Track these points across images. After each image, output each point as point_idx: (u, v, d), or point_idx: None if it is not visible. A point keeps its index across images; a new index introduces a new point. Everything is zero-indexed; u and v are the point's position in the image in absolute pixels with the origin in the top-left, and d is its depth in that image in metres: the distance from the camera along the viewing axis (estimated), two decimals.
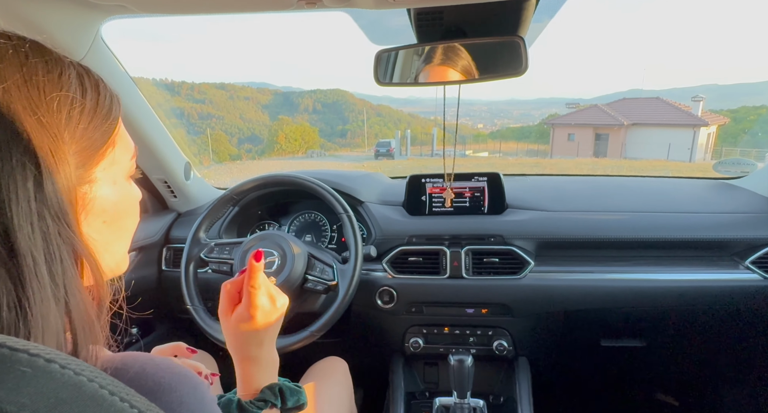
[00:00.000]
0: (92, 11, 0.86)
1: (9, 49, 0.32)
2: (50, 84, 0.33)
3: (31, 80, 0.32)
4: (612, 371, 1.46)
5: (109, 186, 0.39)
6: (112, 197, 0.39)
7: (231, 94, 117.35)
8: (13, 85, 0.31)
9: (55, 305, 0.31)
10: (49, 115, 0.32)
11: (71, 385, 0.19)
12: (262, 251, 0.64)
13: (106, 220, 0.39)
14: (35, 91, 0.32)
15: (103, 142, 0.38)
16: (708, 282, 1.12)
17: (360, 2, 0.81)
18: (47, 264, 0.31)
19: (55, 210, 0.32)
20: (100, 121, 0.37)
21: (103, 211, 0.38)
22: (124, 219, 0.42)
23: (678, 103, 27.12)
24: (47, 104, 0.32)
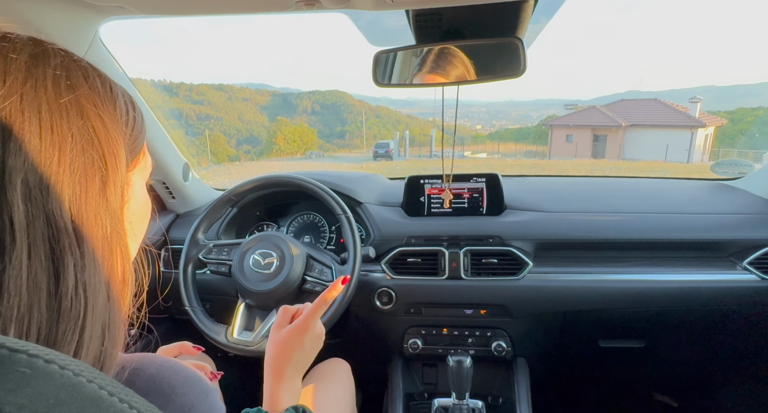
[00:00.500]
0: (91, 12, 0.85)
1: (72, 62, 0.36)
2: (107, 96, 0.37)
3: (95, 90, 0.36)
4: (610, 372, 1.46)
5: (139, 190, 0.43)
6: (141, 201, 0.43)
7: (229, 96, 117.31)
8: (82, 92, 0.34)
9: (105, 293, 0.33)
10: (111, 121, 0.36)
11: (70, 386, 0.19)
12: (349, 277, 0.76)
13: (132, 221, 0.41)
14: (99, 99, 0.36)
15: (140, 149, 0.42)
16: (706, 283, 1.12)
17: (358, 3, 0.81)
18: (103, 253, 0.34)
19: (113, 204, 0.35)
20: (138, 130, 0.41)
21: (132, 212, 0.41)
22: (143, 222, 0.44)
23: (675, 104, 27.22)
24: (109, 113, 0.36)
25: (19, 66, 0.31)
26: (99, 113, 0.35)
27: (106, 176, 0.35)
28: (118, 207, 0.36)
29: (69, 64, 0.35)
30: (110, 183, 0.35)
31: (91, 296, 0.32)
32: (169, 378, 0.36)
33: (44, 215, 0.30)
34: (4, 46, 0.32)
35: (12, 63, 0.31)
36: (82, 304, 0.31)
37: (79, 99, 0.34)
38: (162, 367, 0.36)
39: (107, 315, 0.33)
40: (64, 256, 0.30)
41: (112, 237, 0.35)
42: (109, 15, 0.88)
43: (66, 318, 0.30)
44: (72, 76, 0.34)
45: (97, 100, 0.35)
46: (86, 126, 0.34)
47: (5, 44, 0.32)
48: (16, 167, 0.29)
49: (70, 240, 0.31)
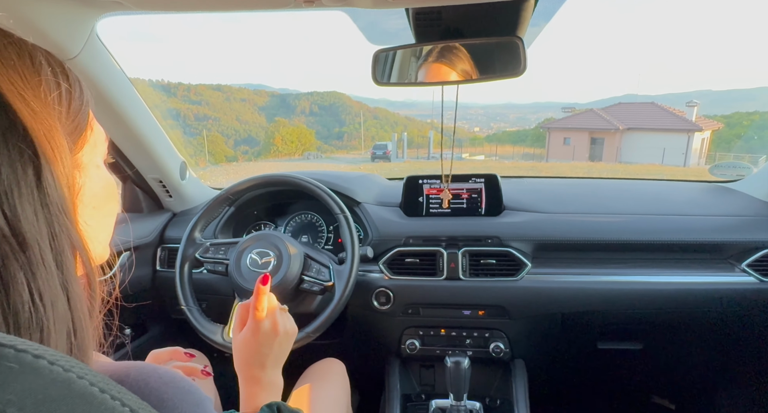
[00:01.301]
0: (87, 7, 0.85)
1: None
2: (27, 69, 0.32)
3: (9, 65, 0.31)
4: (608, 374, 1.46)
5: (94, 170, 0.39)
6: (99, 182, 0.39)
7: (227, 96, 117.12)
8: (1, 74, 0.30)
9: (64, 297, 0.30)
10: (36, 100, 0.31)
11: (60, 382, 0.19)
12: (269, 275, 0.67)
13: (96, 205, 0.38)
14: (17, 77, 0.31)
15: (84, 125, 0.37)
16: (704, 285, 1.12)
17: (358, 2, 0.80)
18: (53, 254, 0.30)
19: (54, 198, 0.31)
20: (78, 103, 0.36)
21: (93, 196, 0.38)
22: (110, 204, 0.41)
23: (672, 108, 27.35)
24: (33, 90, 0.31)
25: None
26: (20, 93, 0.30)
27: (40, 167, 0.30)
28: (64, 198, 0.32)
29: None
30: (47, 174, 0.31)
31: (48, 304, 0.29)
32: (158, 390, 0.33)
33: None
34: None
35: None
36: (41, 313, 0.28)
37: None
38: (150, 377, 0.34)
39: (70, 321, 0.31)
40: (9, 265, 0.27)
41: (61, 234, 0.31)
42: (105, 11, 0.87)
43: (27, 331, 0.27)
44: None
45: (13, 77, 0.30)
46: (4, 111, 0.29)
47: None
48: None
49: (11, 246, 0.28)
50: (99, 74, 0.99)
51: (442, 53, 0.91)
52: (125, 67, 1.08)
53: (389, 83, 0.99)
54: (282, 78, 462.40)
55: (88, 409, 0.19)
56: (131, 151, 1.22)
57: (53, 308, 0.29)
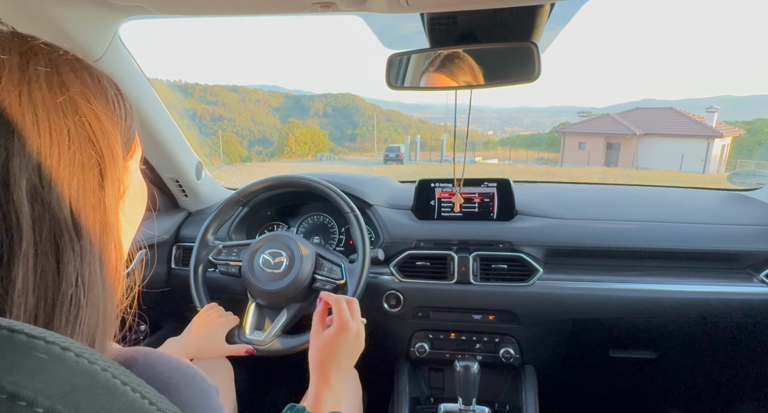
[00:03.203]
0: (111, 11, 0.87)
1: (59, 57, 0.35)
2: (97, 89, 0.37)
3: (85, 84, 0.36)
4: (620, 382, 1.43)
5: (135, 174, 0.43)
6: (137, 184, 0.43)
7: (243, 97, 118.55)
8: (74, 89, 0.34)
9: (101, 287, 0.34)
10: (105, 115, 0.36)
11: (85, 373, 0.20)
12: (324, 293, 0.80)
13: (133, 206, 0.42)
14: (90, 93, 0.36)
15: (134, 135, 0.42)
16: (721, 295, 1.10)
17: (373, 6, 0.81)
18: (99, 247, 0.34)
19: (110, 198, 0.35)
20: (130, 118, 0.41)
21: (131, 198, 0.41)
22: (141, 205, 0.45)
23: (692, 113, 26.83)
24: (102, 106, 0.36)
25: (12, 66, 0.31)
26: (92, 108, 0.35)
27: (104, 169, 0.35)
28: (114, 198, 0.36)
29: (57, 60, 0.35)
30: (108, 176, 0.35)
31: (87, 291, 0.32)
32: (163, 375, 0.35)
33: (49, 213, 0.31)
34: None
35: (5, 64, 0.31)
36: (79, 297, 0.31)
37: (73, 96, 0.34)
38: (157, 363, 0.36)
39: (101, 305, 0.34)
40: (66, 251, 0.31)
41: (107, 228, 0.35)
42: (128, 14, 0.90)
43: (65, 311, 0.31)
44: (62, 71, 0.34)
45: (89, 94, 0.35)
46: (81, 122, 0.34)
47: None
48: (21, 168, 0.29)
49: (70, 235, 0.32)
50: (121, 76, 1.01)
51: (457, 60, 0.91)
52: (145, 68, 1.11)
53: (402, 87, 0.99)
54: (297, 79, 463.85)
55: (110, 399, 0.20)
56: (150, 151, 1.25)
57: (89, 292, 0.33)
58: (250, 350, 0.99)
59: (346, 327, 0.72)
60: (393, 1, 0.76)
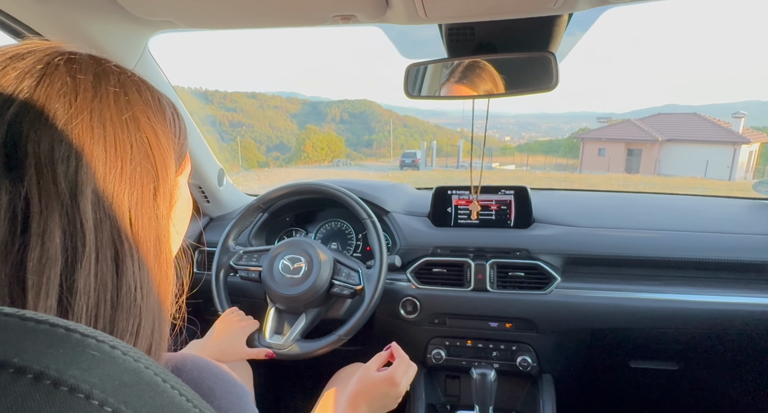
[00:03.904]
0: (141, 26, 0.91)
1: (127, 77, 0.39)
2: (157, 108, 0.40)
3: (147, 104, 0.39)
4: (641, 394, 1.40)
5: (184, 190, 0.45)
6: (185, 199, 0.45)
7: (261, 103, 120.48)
8: (138, 107, 0.37)
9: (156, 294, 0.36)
10: (163, 133, 0.39)
11: (131, 370, 0.21)
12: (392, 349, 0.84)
13: (181, 217, 0.44)
14: (151, 112, 0.39)
15: (185, 154, 0.45)
16: (745, 306, 1.07)
17: (393, 18, 0.83)
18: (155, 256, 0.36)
19: (163, 210, 0.38)
20: (183, 137, 0.44)
21: (180, 209, 0.44)
22: (185, 221, 0.47)
23: (717, 119, 26.12)
24: (160, 124, 0.39)
25: (86, 85, 0.35)
26: (152, 125, 0.38)
27: (158, 183, 0.37)
28: (166, 211, 0.39)
29: (125, 81, 0.38)
30: (161, 189, 0.38)
31: (145, 295, 0.35)
32: (210, 381, 0.38)
33: (109, 221, 0.33)
34: (72, 67, 0.35)
35: (81, 83, 0.34)
36: (138, 302, 0.34)
37: (136, 113, 0.37)
38: (203, 370, 0.39)
39: (156, 312, 0.36)
40: (125, 258, 0.34)
41: (161, 240, 0.38)
42: (158, 29, 0.94)
43: (126, 315, 0.33)
44: (129, 91, 0.38)
45: (149, 113, 0.38)
46: (142, 138, 0.37)
47: (73, 66, 0.35)
48: (87, 179, 0.32)
49: (129, 244, 0.34)
50: None
51: (468, 73, 0.93)
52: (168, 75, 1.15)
53: (420, 96, 1.01)
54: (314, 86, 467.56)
55: (153, 396, 0.22)
56: None
57: (147, 300, 0.35)
58: (269, 354, 1.02)
59: (395, 383, 0.77)
60: (412, 12, 0.78)
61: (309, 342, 1.05)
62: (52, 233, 0.31)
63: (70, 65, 0.35)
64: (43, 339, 0.20)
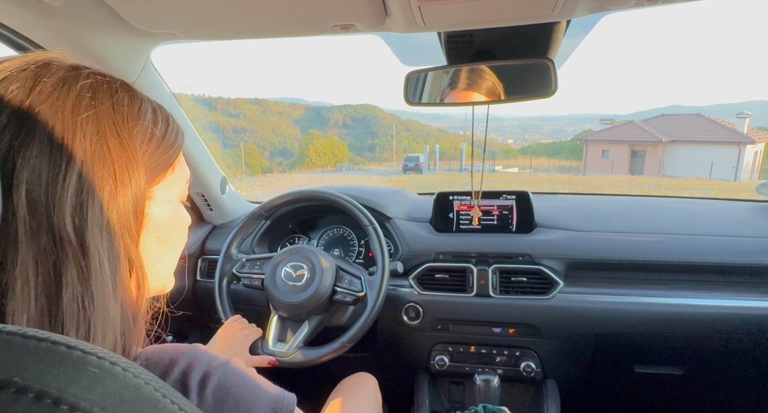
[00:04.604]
0: (144, 38, 0.93)
1: (104, 83, 0.39)
2: (131, 114, 0.39)
3: (118, 109, 0.38)
4: (646, 399, 1.39)
5: (165, 205, 0.43)
6: (166, 215, 0.43)
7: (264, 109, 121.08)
8: (104, 110, 0.37)
9: (115, 304, 0.35)
10: (129, 138, 0.38)
11: (132, 386, 0.22)
12: None
13: (159, 236, 0.42)
14: (120, 117, 0.38)
15: (166, 166, 0.43)
16: (750, 310, 1.06)
17: (392, 26, 0.84)
18: (110, 265, 0.35)
19: (122, 219, 0.37)
20: (165, 148, 0.42)
21: (156, 227, 0.42)
22: (174, 238, 0.45)
23: (721, 119, 26.00)
24: (128, 130, 0.38)
25: (43, 88, 0.34)
26: (117, 131, 0.37)
27: (115, 190, 0.36)
28: (128, 221, 0.37)
29: (98, 85, 0.37)
30: (120, 197, 0.36)
31: (99, 307, 0.33)
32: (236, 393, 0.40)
33: (47, 226, 0.32)
34: (40, 71, 0.35)
35: (39, 85, 0.34)
36: (89, 313, 0.33)
37: (99, 116, 0.36)
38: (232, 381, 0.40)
39: (120, 326, 0.35)
40: (68, 266, 0.32)
41: (120, 249, 0.36)
42: (160, 41, 0.95)
43: (74, 327, 0.32)
44: (98, 96, 0.37)
45: (117, 118, 0.37)
46: (100, 142, 0.35)
47: (42, 70, 0.35)
48: (23, 180, 0.31)
49: (73, 251, 0.33)
50: (151, 97, 1.07)
51: (467, 82, 0.93)
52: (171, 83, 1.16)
53: (420, 103, 1.02)
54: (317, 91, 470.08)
55: (153, 411, 0.22)
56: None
57: (103, 312, 0.34)
58: (272, 361, 1.02)
59: None
60: (410, 21, 0.79)
61: (312, 349, 1.05)
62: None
63: (39, 69, 0.35)
64: (45, 357, 0.20)
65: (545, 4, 0.72)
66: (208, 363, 0.41)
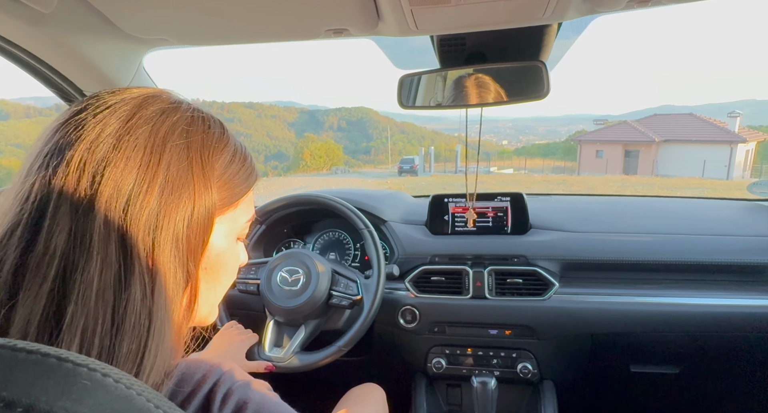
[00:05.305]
0: (136, 44, 0.92)
1: (200, 118, 0.42)
2: (218, 148, 0.42)
3: (207, 142, 0.41)
4: (642, 398, 1.40)
5: (221, 238, 0.44)
6: (220, 248, 0.44)
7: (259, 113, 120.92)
8: (195, 142, 0.40)
9: (170, 324, 0.37)
10: (210, 170, 0.40)
11: (123, 398, 0.22)
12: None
13: (207, 267, 0.42)
14: (207, 150, 0.41)
15: (232, 200, 0.44)
16: (744, 308, 1.07)
17: (384, 31, 0.85)
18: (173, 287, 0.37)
19: (192, 243, 0.39)
20: (238, 184, 0.44)
21: (207, 257, 0.42)
22: (223, 273, 0.45)
23: (713, 119, 26.25)
24: (212, 162, 0.41)
25: (145, 114, 0.38)
26: (202, 160, 0.40)
27: (192, 214, 0.38)
28: (197, 246, 0.39)
29: (195, 119, 0.41)
30: (194, 222, 0.38)
31: (157, 324, 0.35)
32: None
33: (119, 239, 0.34)
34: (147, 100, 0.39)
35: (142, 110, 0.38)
36: (145, 327, 0.34)
37: (189, 146, 0.39)
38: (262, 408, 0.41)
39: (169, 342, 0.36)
40: (134, 280, 0.34)
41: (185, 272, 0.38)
42: (152, 46, 0.95)
43: (129, 337, 0.33)
44: (192, 128, 0.40)
45: (205, 150, 0.40)
46: (186, 170, 0.38)
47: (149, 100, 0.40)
48: (106, 191, 0.34)
49: (141, 267, 0.34)
50: None
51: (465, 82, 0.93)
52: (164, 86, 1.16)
53: (414, 106, 1.02)
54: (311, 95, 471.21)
55: None
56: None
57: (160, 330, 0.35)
58: (269, 367, 1.01)
59: None
60: (403, 25, 0.79)
61: (309, 354, 1.04)
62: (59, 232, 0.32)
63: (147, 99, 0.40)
64: (34, 369, 0.20)
65: (536, 7, 0.72)
66: (233, 382, 0.42)
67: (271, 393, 0.45)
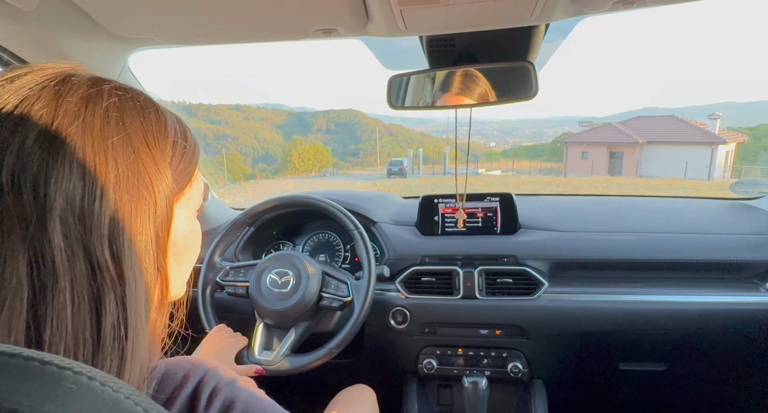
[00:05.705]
0: (121, 43, 0.91)
1: (128, 100, 0.37)
2: (160, 132, 0.38)
3: (148, 128, 0.37)
4: (631, 395, 1.42)
5: (183, 221, 0.42)
6: (184, 231, 0.42)
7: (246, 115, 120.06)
8: (134, 131, 0.35)
9: (145, 328, 0.34)
10: (162, 158, 0.37)
11: (110, 401, 0.21)
12: None
13: (175, 252, 0.41)
14: (151, 137, 0.37)
15: (186, 182, 0.41)
16: (728, 305, 1.09)
17: (373, 31, 0.84)
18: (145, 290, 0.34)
19: (160, 241, 0.36)
20: (187, 163, 0.41)
21: (173, 244, 0.40)
22: (189, 252, 0.44)
23: (694, 121, 26.86)
24: (161, 149, 0.37)
25: (68, 108, 0.33)
26: (150, 151, 0.36)
27: (155, 211, 0.35)
28: (163, 242, 0.37)
29: (124, 103, 0.36)
30: (158, 218, 0.36)
31: (131, 332, 0.32)
32: None
33: (83, 253, 0.31)
34: (61, 88, 0.33)
35: (63, 104, 0.33)
36: (124, 337, 0.32)
37: (131, 137, 0.35)
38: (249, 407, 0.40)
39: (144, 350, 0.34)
40: (106, 293, 0.31)
41: (154, 273, 0.36)
42: (138, 46, 0.93)
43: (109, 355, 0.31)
44: (126, 115, 0.35)
45: (149, 137, 0.36)
46: (136, 163, 0.34)
47: (63, 87, 0.33)
48: (57, 206, 0.30)
49: (111, 277, 0.32)
50: None
51: (454, 82, 0.94)
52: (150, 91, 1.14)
53: (404, 107, 1.02)
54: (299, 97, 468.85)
55: None
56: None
57: (135, 338, 0.33)
58: (259, 370, 1.00)
59: None
60: (392, 25, 0.79)
61: (299, 356, 1.03)
62: (14, 261, 0.29)
63: (60, 86, 0.33)
64: (17, 374, 0.19)
65: (524, 8, 0.73)
66: (218, 380, 0.40)
67: (258, 391, 0.44)
